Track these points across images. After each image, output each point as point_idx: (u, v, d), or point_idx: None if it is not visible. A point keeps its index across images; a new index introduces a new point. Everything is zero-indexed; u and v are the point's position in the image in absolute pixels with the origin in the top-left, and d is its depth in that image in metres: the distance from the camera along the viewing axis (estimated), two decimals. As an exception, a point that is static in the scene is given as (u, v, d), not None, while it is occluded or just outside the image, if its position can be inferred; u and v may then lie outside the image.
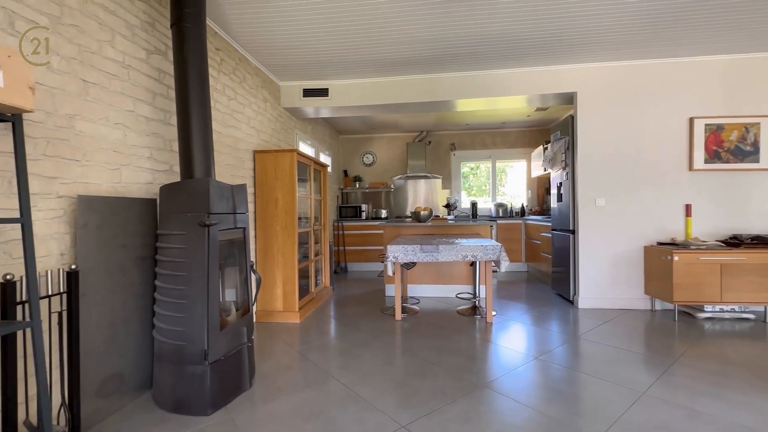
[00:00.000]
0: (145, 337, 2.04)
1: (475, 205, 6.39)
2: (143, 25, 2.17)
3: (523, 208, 6.44)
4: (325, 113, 4.44)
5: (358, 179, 6.90)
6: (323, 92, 4.11)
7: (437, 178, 6.64)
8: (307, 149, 5.16)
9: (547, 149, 4.91)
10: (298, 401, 1.98)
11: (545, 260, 4.89)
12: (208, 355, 1.83)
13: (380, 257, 3.65)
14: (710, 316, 3.36)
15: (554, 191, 4.41)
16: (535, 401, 1.95)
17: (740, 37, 3.14)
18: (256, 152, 3.46)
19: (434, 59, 3.56)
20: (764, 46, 3.33)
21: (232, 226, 2.07)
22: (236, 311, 2.23)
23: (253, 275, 2.32)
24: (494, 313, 3.59)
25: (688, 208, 3.61)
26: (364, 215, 6.54)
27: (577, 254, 3.82)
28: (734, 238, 3.44)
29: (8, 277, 1.36)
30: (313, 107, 4.21)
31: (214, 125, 2.85)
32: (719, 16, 2.79)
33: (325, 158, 6.01)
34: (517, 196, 6.75)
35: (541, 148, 5.67)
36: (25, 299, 1.42)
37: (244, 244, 2.30)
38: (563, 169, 4.09)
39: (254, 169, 3.47)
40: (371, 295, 4.45)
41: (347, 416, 1.83)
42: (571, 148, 3.92)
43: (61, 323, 1.59)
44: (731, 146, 3.54)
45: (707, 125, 3.57)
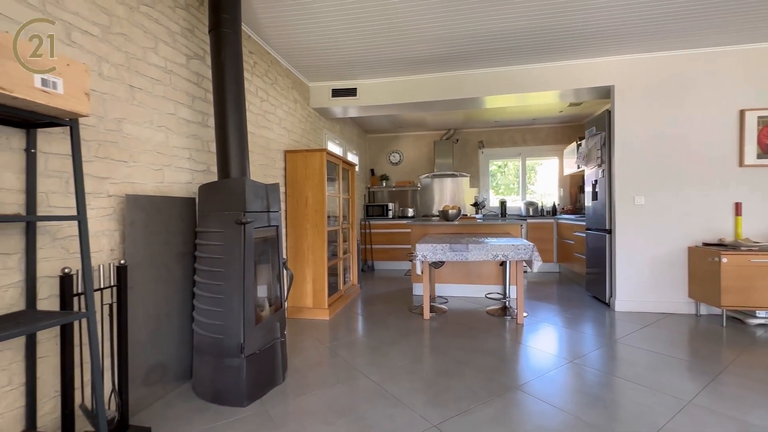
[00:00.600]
0: (185, 329, 2.14)
1: (504, 203, 6.26)
2: (183, 31, 2.27)
3: (554, 206, 6.24)
4: (352, 113, 4.48)
5: (384, 178, 6.92)
6: (351, 92, 4.15)
7: (465, 176, 6.54)
8: (335, 148, 5.23)
9: (581, 146, 4.73)
10: (329, 396, 2.01)
11: (579, 261, 4.72)
12: (244, 348, 1.89)
13: (408, 256, 3.65)
14: (763, 322, 3.13)
15: (589, 189, 4.25)
16: (570, 406, 1.89)
17: (799, 21, 2.91)
18: (287, 152, 3.54)
19: (462, 56, 3.51)
20: (827, 30, 3.07)
21: (266, 224, 2.13)
22: (269, 307, 2.30)
23: (285, 272, 2.38)
24: (525, 314, 3.50)
25: (738, 206, 3.38)
26: (390, 214, 6.56)
27: (613, 255, 3.67)
28: (791, 239, 3.19)
29: (66, 270, 1.46)
30: (341, 107, 4.26)
31: (248, 126, 2.94)
32: (775, -1, 2.59)
33: (352, 157, 6.07)
34: (547, 194, 6.55)
35: (574, 144, 5.47)
36: (80, 291, 1.53)
37: (277, 241, 2.37)
38: (599, 166, 3.93)
39: (285, 168, 3.55)
40: (398, 293, 4.46)
41: (377, 413, 1.85)
42: (607, 144, 3.76)
43: (111, 315, 1.69)
44: (788, 140, 3.29)
45: (760, 117, 3.32)
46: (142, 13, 1.97)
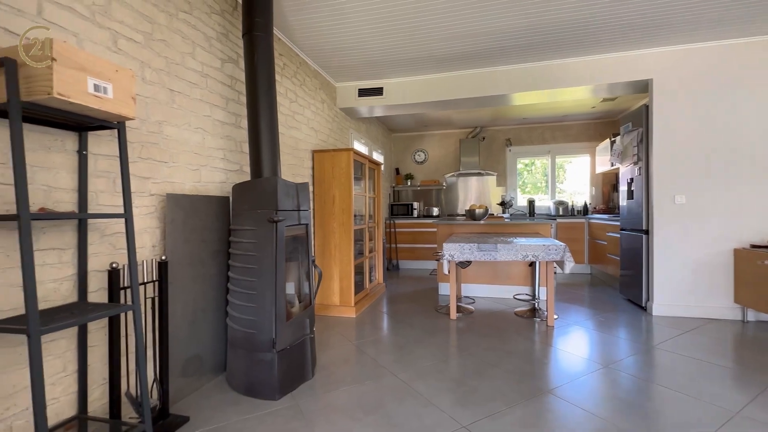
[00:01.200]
0: (219, 324, 2.22)
1: (532, 203, 6.11)
2: (219, 36, 2.35)
3: (585, 206, 6.03)
4: (378, 112, 4.49)
5: (409, 177, 6.90)
6: (378, 91, 4.16)
7: (491, 175, 6.43)
8: (360, 148, 5.27)
9: (615, 143, 4.54)
10: (357, 393, 2.04)
11: (612, 262, 4.54)
12: (276, 343, 1.94)
13: (434, 255, 3.63)
14: (819, 330, 2.91)
15: (623, 188, 4.08)
16: (605, 412, 1.82)
17: None
18: (314, 152, 3.60)
19: (489, 52, 3.45)
20: None
21: (296, 222, 2.17)
22: (299, 303, 2.35)
23: (314, 269, 2.42)
24: (555, 316, 3.41)
25: (791, 206, 3.15)
26: (415, 213, 6.54)
27: (651, 256, 3.50)
28: None
29: (114, 265, 1.55)
30: (367, 107, 4.28)
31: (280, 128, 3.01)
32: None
33: (377, 156, 6.09)
34: (578, 193, 6.34)
35: (607, 141, 5.26)
36: (126, 285, 1.61)
37: (306, 239, 2.41)
38: (635, 163, 3.77)
39: (313, 168, 3.61)
40: (424, 293, 4.44)
41: (406, 411, 1.85)
42: (645, 140, 3.59)
43: (153, 308, 1.78)
44: None
45: (818, 110, 3.08)
46: (180, 20, 2.05)
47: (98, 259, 1.61)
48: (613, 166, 4.86)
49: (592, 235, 5.42)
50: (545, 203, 6.38)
